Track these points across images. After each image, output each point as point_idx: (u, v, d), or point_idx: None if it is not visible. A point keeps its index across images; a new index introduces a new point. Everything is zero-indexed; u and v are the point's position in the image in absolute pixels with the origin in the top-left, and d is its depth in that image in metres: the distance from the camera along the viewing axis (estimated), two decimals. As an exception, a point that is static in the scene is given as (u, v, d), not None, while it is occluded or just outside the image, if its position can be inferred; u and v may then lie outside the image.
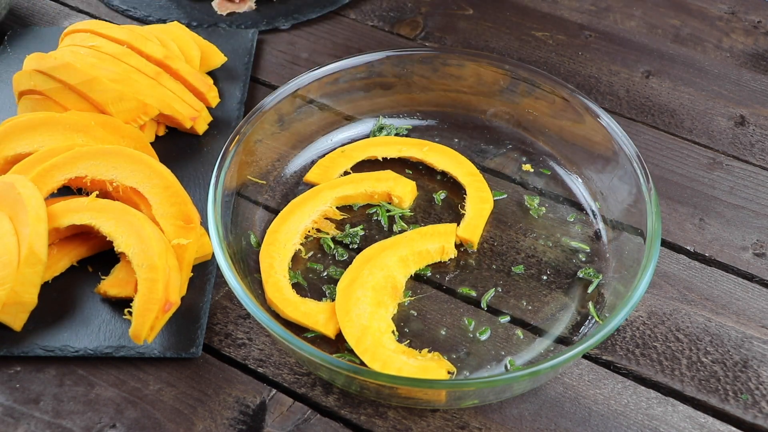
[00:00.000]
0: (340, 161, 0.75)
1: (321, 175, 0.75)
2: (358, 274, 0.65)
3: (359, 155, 0.76)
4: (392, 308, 0.65)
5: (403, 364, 0.60)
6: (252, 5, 0.95)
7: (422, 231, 0.69)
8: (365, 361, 0.60)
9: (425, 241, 0.68)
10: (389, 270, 0.66)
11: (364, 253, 0.67)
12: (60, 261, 0.67)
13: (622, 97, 0.86)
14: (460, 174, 0.74)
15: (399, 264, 0.66)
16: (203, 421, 0.60)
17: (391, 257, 0.66)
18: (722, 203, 0.76)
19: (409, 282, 0.68)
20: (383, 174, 0.73)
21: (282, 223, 0.69)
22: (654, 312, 0.67)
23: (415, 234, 0.68)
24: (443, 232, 0.69)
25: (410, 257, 0.67)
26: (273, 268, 0.66)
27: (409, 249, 0.67)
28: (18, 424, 0.60)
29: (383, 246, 0.67)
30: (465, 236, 0.70)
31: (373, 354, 0.60)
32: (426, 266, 0.69)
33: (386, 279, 0.65)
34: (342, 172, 0.75)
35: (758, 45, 0.92)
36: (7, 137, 0.70)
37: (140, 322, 0.60)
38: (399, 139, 0.78)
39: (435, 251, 0.68)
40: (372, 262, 0.65)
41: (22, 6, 0.96)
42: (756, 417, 0.61)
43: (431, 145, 0.76)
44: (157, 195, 0.67)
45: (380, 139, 0.77)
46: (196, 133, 0.79)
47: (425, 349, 0.63)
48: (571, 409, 0.61)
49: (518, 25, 0.94)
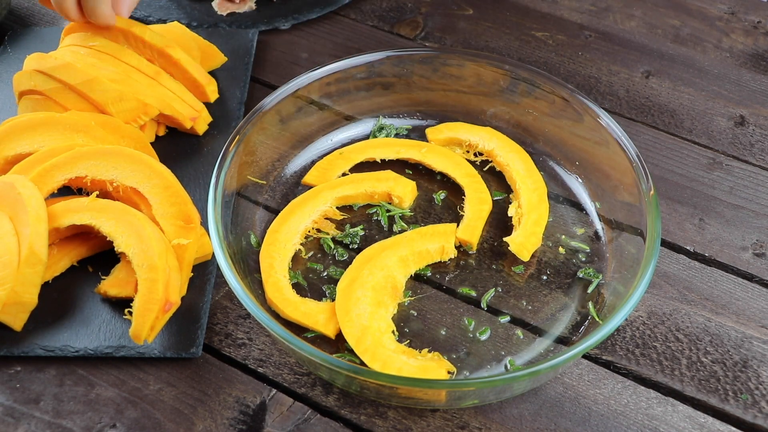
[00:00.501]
0: (338, 163, 0.75)
1: (319, 177, 0.75)
2: (358, 274, 0.65)
3: (357, 157, 0.76)
4: (392, 308, 0.65)
5: (403, 364, 0.60)
6: (252, 5, 0.95)
7: (422, 231, 0.69)
8: (365, 361, 0.60)
9: (425, 241, 0.68)
10: (389, 270, 0.66)
11: (364, 253, 0.67)
12: (60, 261, 0.67)
13: (622, 97, 0.86)
14: (459, 175, 0.74)
15: (399, 264, 0.66)
16: (203, 421, 0.60)
17: (391, 257, 0.66)
18: (722, 203, 0.76)
19: (409, 282, 0.68)
20: (383, 174, 0.73)
21: (282, 223, 0.69)
22: (654, 312, 0.67)
23: (414, 234, 0.68)
24: (443, 232, 0.69)
25: (410, 257, 0.67)
26: (273, 268, 0.66)
27: (409, 249, 0.67)
28: (18, 424, 0.60)
29: (383, 246, 0.67)
30: (464, 237, 0.70)
31: (373, 354, 0.60)
32: (426, 266, 0.69)
33: (386, 279, 0.65)
34: (340, 173, 0.75)
35: (758, 45, 0.92)
36: (8, 137, 0.70)
37: (140, 322, 0.60)
38: (397, 140, 0.78)
39: (435, 251, 0.68)
40: (372, 262, 0.65)
41: (23, 6, 0.96)
42: (756, 417, 0.61)
43: (429, 147, 0.76)
44: (157, 195, 0.67)
45: (378, 141, 0.78)
46: (196, 134, 0.79)
47: (425, 349, 0.63)
48: (571, 409, 0.61)
49: (518, 25, 0.94)
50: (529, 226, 0.70)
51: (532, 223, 0.70)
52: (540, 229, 0.70)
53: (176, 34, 0.82)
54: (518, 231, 0.70)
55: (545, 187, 0.73)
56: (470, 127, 0.78)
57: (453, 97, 0.80)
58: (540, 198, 0.72)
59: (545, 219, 0.71)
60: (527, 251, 0.68)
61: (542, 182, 0.73)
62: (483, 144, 0.76)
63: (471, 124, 0.78)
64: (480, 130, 0.77)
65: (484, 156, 0.77)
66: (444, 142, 0.77)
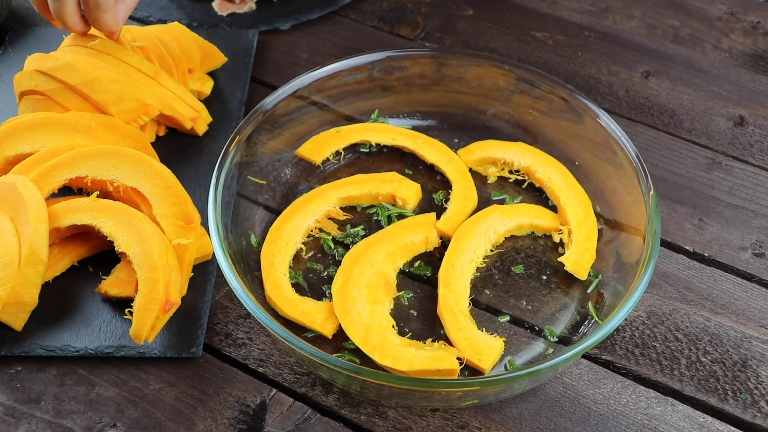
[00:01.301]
0: (334, 140, 0.76)
1: (313, 151, 0.75)
2: (351, 274, 0.65)
3: (353, 137, 0.76)
4: (388, 303, 0.65)
5: (413, 356, 0.60)
6: (252, 6, 0.95)
7: (403, 224, 0.69)
8: (374, 358, 0.60)
9: (407, 233, 0.68)
10: (379, 266, 0.66)
11: (351, 252, 0.67)
12: (61, 261, 0.67)
13: (622, 97, 0.86)
14: (449, 170, 0.74)
15: (387, 259, 0.67)
16: (203, 421, 0.60)
17: (378, 253, 0.66)
18: (721, 203, 0.76)
19: (409, 282, 0.68)
20: (388, 176, 0.74)
21: (285, 222, 0.69)
22: (653, 312, 0.67)
23: (396, 228, 0.69)
24: (423, 222, 0.69)
25: (396, 251, 0.67)
26: (274, 266, 0.66)
27: (393, 243, 0.68)
28: (19, 424, 0.60)
29: (368, 243, 0.67)
30: (444, 229, 0.70)
31: (382, 350, 0.60)
32: (426, 266, 0.69)
33: (378, 275, 0.66)
34: (334, 151, 0.76)
35: (757, 45, 0.93)
36: (8, 137, 0.70)
37: (141, 322, 0.60)
38: (395, 128, 0.78)
39: (419, 242, 0.69)
40: (361, 260, 0.66)
41: (23, 7, 0.96)
42: (755, 416, 0.61)
43: (426, 139, 0.76)
44: (157, 195, 0.67)
45: (376, 125, 0.78)
46: (195, 134, 0.79)
47: (429, 339, 0.63)
48: (570, 408, 0.61)
49: (518, 26, 0.94)
50: (581, 242, 0.68)
51: (583, 239, 0.68)
52: (592, 244, 0.68)
53: (176, 34, 0.82)
54: (571, 249, 0.68)
55: (589, 200, 0.71)
56: (502, 144, 0.76)
57: (453, 97, 0.80)
58: (586, 212, 0.70)
59: (595, 233, 0.69)
60: (584, 269, 0.67)
61: (585, 195, 0.71)
62: (518, 161, 0.74)
63: (502, 141, 0.77)
64: (513, 147, 0.76)
65: (521, 174, 0.75)
66: (478, 162, 0.76)
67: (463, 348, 0.61)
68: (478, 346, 0.61)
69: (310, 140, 0.76)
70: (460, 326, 0.62)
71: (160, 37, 0.81)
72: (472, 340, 0.62)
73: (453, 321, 0.63)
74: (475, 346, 0.61)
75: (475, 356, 0.61)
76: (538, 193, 0.74)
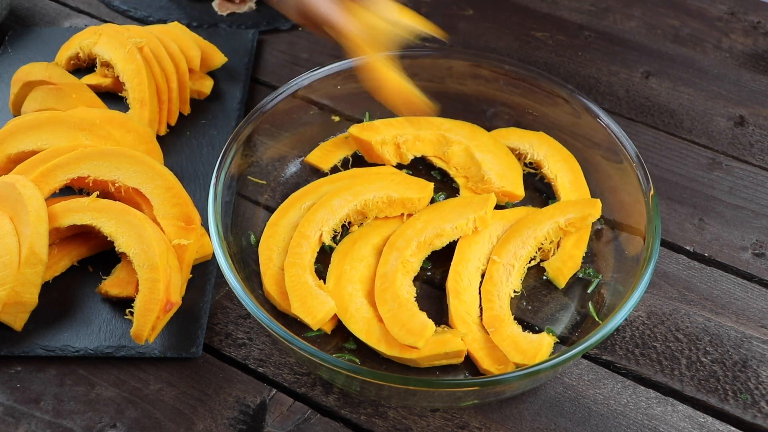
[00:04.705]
0: (342, 146, 0.76)
1: (321, 158, 0.76)
2: (342, 271, 0.65)
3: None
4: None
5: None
6: (252, 6, 0.95)
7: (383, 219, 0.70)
8: (381, 350, 0.60)
9: (390, 225, 0.69)
10: (367, 260, 0.66)
11: (338, 249, 0.67)
12: (61, 261, 0.67)
13: (622, 97, 0.86)
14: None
15: (374, 253, 0.67)
16: (203, 421, 0.60)
17: (364, 247, 0.67)
18: (722, 203, 0.76)
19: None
20: (383, 169, 0.73)
21: (282, 216, 0.69)
22: (653, 312, 0.67)
23: (379, 222, 0.69)
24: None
25: (382, 243, 0.68)
26: (271, 260, 0.66)
27: (378, 236, 0.68)
28: (18, 424, 0.60)
29: (353, 238, 0.68)
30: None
31: (387, 342, 0.60)
32: (426, 264, 0.69)
33: (368, 269, 0.66)
34: (342, 158, 0.76)
35: (757, 45, 0.92)
36: (12, 135, 0.71)
37: (142, 322, 0.60)
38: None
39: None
40: (349, 256, 0.66)
41: (23, 6, 0.96)
42: (755, 417, 0.61)
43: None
44: (158, 196, 0.67)
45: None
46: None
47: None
48: (570, 408, 0.61)
49: (518, 26, 0.94)
50: (568, 248, 0.67)
51: (571, 246, 0.67)
52: (579, 251, 0.67)
53: (176, 34, 0.83)
54: (556, 255, 0.67)
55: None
56: (522, 132, 0.75)
57: (453, 97, 0.80)
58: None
59: (585, 240, 0.67)
60: (564, 277, 0.66)
61: (588, 197, 0.70)
62: (534, 153, 0.74)
63: (523, 129, 0.76)
64: (532, 136, 0.75)
65: (533, 166, 0.75)
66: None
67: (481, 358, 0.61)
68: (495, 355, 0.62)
69: (319, 147, 0.76)
70: (474, 337, 0.62)
71: (160, 37, 0.81)
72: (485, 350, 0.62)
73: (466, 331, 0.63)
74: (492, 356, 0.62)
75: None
76: (545, 195, 0.75)
